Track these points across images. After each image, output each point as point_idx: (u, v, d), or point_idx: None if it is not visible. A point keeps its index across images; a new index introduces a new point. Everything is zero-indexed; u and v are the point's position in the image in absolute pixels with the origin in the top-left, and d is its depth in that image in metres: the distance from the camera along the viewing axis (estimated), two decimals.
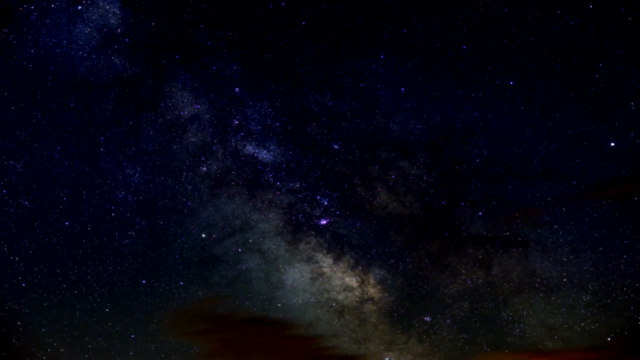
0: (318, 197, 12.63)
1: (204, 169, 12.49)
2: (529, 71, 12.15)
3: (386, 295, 12.80)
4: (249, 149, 12.53)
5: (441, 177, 12.59)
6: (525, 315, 12.46)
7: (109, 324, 12.42)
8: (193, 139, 12.42)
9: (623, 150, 11.76)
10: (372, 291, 12.83)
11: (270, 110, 12.44)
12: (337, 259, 12.78)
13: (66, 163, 12.24)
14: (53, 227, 12.20)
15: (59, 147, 12.20)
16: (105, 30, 12.00)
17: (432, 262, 12.74)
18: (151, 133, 12.38)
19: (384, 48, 12.35)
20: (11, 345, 12.01)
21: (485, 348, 12.49)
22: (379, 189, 12.62)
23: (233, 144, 12.53)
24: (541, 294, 12.35)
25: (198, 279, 12.73)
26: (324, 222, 12.70)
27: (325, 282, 12.81)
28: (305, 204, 12.63)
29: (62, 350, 12.29)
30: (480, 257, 12.55)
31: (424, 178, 12.53)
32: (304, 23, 12.18)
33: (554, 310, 12.39)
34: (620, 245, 12.01)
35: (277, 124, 12.51)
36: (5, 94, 11.80)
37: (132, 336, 12.53)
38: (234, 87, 12.38)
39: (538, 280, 12.37)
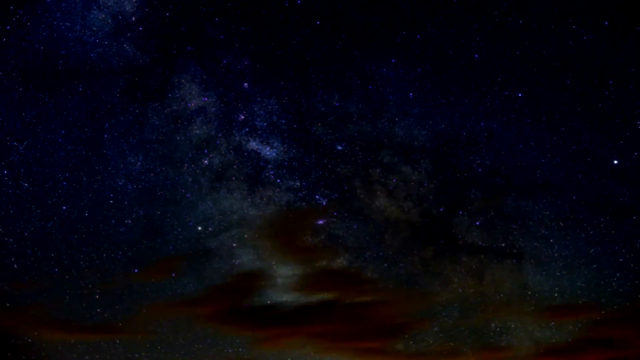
0: (317, 197, 13.16)
1: (206, 162, 12.99)
2: (538, 84, 12.68)
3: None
4: (253, 144, 13.05)
5: (442, 184, 13.11)
6: (513, 328, 13.15)
7: (98, 310, 13.02)
8: (197, 131, 12.91)
9: (625, 169, 12.44)
10: None
11: (277, 107, 12.94)
12: (330, 260, 13.34)
13: (69, 147, 12.72)
14: (50, 211, 12.68)
15: (63, 131, 12.68)
16: (120, 17, 12.42)
17: (425, 269, 13.29)
18: (156, 123, 12.88)
19: (396, 52, 12.79)
20: None
21: (471, 358, 13.17)
22: (378, 193, 13.15)
23: (237, 138, 13.03)
24: (531, 307, 13.02)
25: (191, 271, 13.34)
26: (320, 222, 13.29)
27: None
28: (304, 203, 13.16)
29: (48, 335, 12.93)
30: (474, 266, 13.14)
31: (425, 184, 13.08)
32: (318, 22, 12.65)
33: (543, 324, 13.10)
34: (615, 263, 12.69)
35: (283, 122, 13.00)
36: (14, 75, 12.26)
37: (120, 324, 13.16)
38: (243, 82, 12.90)
39: (529, 293, 13.01)
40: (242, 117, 12.99)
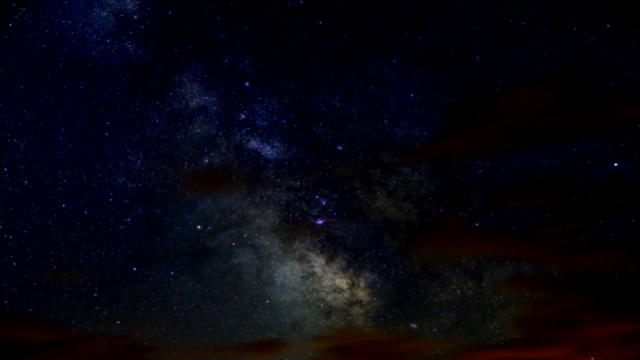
0: (317, 197, 13.31)
1: (206, 160, 13.10)
2: (539, 86, 12.60)
3: (375, 299, 13.65)
4: (253, 144, 13.15)
5: (442, 185, 13.28)
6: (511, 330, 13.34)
7: (96, 308, 13.15)
8: (198, 130, 13.00)
9: (625, 172, 12.56)
10: (362, 294, 13.65)
11: (278, 106, 13.01)
12: (329, 260, 13.57)
13: (69, 145, 12.81)
14: (50, 208, 12.78)
15: (63, 129, 12.76)
16: (122, 15, 12.47)
17: (424, 270, 13.54)
18: (157, 121, 12.96)
19: (398, 52, 12.88)
20: None
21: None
22: (378, 193, 13.32)
23: (238, 138, 13.12)
24: (530, 309, 13.22)
25: (189, 270, 13.51)
26: (320, 222, 13.42)
27: (315, 282, 13.61)
28: (304, 203, 13.32)
29: (45, 331, 13.04)
30: (473, 267, 13.40)
31: (424, 185, 13.24)
32: (320, 22, 12.69)
33: None
34: None
35: (284, 121, 13.08)
36: (16, 72, 12.30)
37: (118, 322, 13.31)
38: (245, 81, 12.96)
39: (528, 294, 13.22)
40: (243, 116, 13.12)
